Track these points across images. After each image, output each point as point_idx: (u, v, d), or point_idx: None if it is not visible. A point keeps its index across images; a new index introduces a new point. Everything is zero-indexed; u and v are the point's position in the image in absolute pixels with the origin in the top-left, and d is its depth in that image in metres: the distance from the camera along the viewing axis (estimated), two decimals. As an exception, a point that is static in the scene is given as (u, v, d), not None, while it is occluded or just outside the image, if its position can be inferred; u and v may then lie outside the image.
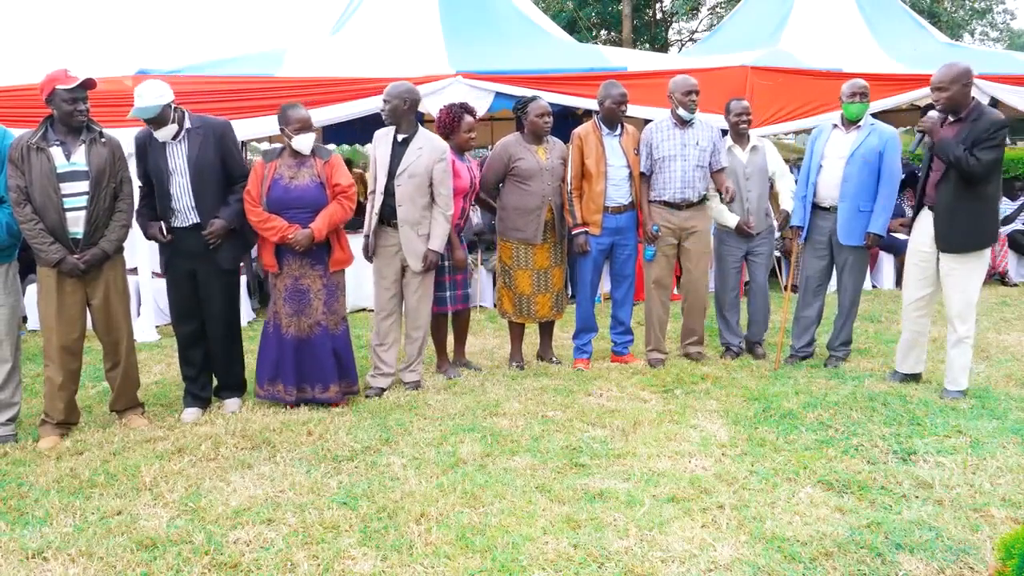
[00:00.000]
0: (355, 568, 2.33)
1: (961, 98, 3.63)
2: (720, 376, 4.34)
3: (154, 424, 3.73)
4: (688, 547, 2.41)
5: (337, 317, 3.90)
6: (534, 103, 4.44)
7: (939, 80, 3.63)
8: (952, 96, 3.61)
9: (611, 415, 3.68)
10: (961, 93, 3.62)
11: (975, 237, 3.70)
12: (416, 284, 4.16)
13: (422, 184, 4.02)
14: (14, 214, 3.44)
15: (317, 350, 3.83)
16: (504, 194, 4.50)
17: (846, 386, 4.07)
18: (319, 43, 7.50)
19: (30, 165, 3.41)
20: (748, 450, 3.20)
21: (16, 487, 3.00)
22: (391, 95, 4.07)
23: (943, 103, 3.64)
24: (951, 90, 3.61)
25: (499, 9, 7.55)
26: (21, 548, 2.49)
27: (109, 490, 2.94)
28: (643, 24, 20.42)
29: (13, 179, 3.42)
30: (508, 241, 4.49)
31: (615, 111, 4.39)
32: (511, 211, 4.44)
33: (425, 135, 4.11)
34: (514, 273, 4.50)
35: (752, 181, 4.67)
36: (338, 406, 3.89)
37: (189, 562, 2.38)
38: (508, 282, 4.54)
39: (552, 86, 6.22)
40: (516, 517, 2.63)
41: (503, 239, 4.52)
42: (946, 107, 3.65)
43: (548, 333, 4.82)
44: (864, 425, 3.46)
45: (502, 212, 4.50)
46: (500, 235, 4.54)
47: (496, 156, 4.49)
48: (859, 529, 2.49)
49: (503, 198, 4.50)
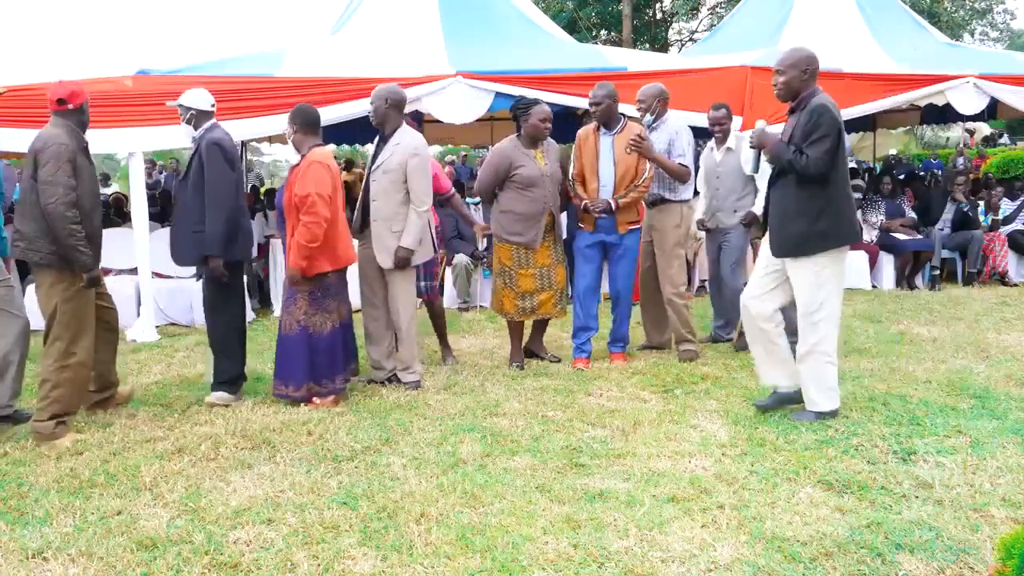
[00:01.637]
0: (355, 568, 2.33)
1: (799, 85, 3.35)
2: (720, 376, 4.34)
3: (154, 424, 3.73)
4: (688, 547, 2.41)
5: (291, 319, 3.93)
6: (538, 107, 4.41)
7: (778, 63, 3.39)
8: (788, 82, 3.35)
9: (611, 415, 3.68)
10: (799, 80, 3.34)
11: (815, 240, 3.33)
12: (395, 283, 4.19)
13: (397, 180, 4.06)
14: (65, 215, 3.39)
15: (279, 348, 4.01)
16: (503, 200, 4.48)
17: (846, 386, 4.06)
18: (319, 43, 7.50)
19: (81, 169, 3.47)
20: (748, 450, 3.20)
21: (16, 487, 3.00)
22: (374, 96, 4.18)
23: (779, 88, 3.39)
24: (788, 75, 3.34)
25: (499, 9, 7.56)
26: (21, 548, 2.49)
27: (109, 490, 2.94)
28: (643, 24, 20.42)
29: (71, 180, 3.42)
30: (507, 243, 4.49)
31: (595, 112, 4.47)
32: (511, 217, 4.43)
33: (404, 131, 4.16)
34: (516, 273, 4.50)
35: (722, 180, 4.97)
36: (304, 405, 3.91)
37: (189, 562, 2.38)
38: (509, 282, 4.53)
39: (552, 86, 6.23)
40: (516, 517, 2.63)
41: (501, 242, 4.51)
42: (782, 93, 3.40)
43: (541, 329, 4.82)
44: (864, 425, 3.46)
45: (500, 217, 4.49)
46: (497, 238, 4.54)
47: (494, 163, 4.47)
48: (859, 529, 2.49)
49: (501, 203, 4.49)
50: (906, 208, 7.98)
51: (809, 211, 3.33)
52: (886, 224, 7.71)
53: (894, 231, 7.67)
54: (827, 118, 3.23)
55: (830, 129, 3.24)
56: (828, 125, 3.23)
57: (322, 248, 3.84)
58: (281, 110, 5.77)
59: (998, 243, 7.67)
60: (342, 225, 4.01)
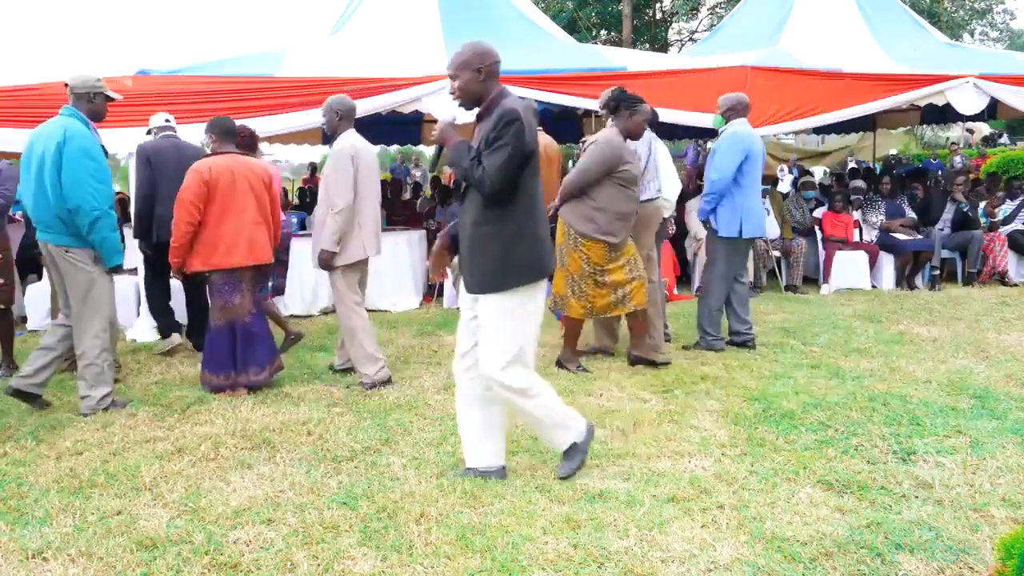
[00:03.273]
0: (355, 568, 2.33)
1: (477, 88, 2.78)
2: (720, 376, 4.34)
3: (154, 424, 3.73)
4: (688, 547, 2.41)
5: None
6: (645, 106, 4.28)
7: (449, 66, 2.84)
8: (463, 86, 2.79)
9: (611, 415, 3.68)
10: (475, 82, 2.77)
11: (498, 274, 2.75)
12: (331, 284, 4.38)
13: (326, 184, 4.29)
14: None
15: None
16: (600, 197, 4.20)
17: (846, 386, 4.07)
18: (319, 43, 7.51)
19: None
20: (748, 450, 3.20)
21: (16, 487, 2.99)
22: (325, 108, 4.33)
23: (456, 95, 2.84)
24: (461, 78, 2.79)
25: (499, 9, 7.57)
26: (21, 548, 2.49)
27: (109, 490, 2.94)
28: (643, 24, 20.44)
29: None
30: (598, 242, 4.22)
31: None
32: (610, 215, 4.20)
33: (340, 138, 4.29)
34: (607, 268, 4.29)
35: None
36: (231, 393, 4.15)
37: (189, 562, 2.38)
38: (600, 280, 4.29)
39: (552, 86, 6.23)
40: (516, 517, 2.62)
41: (591, 240, 4.22)
42: (462, 100, 2.84)
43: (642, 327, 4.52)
44: (864, 425, 3.46)
45: (595, 214, 4.21)
46: (586, 236, 4.22)
47: (608, 156, 4.18)
48: (859, 529, 2.49)
49: (597, 200, 4.20)
50: (906, 208, 7.99)
51: (504, 239, 2.74)
52: (886, 224, 7.72)
53: (894, 231, 7.67)
54: (514, 129, 2.66)
55: (513, 140, 2.66)
56: (513, 135, 2.66)
57: (197, 249, 4.15)
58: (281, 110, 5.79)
59: (998, 243, 7.67)
60: (228, 228, 4.12)
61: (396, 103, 6.08)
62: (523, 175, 2.74)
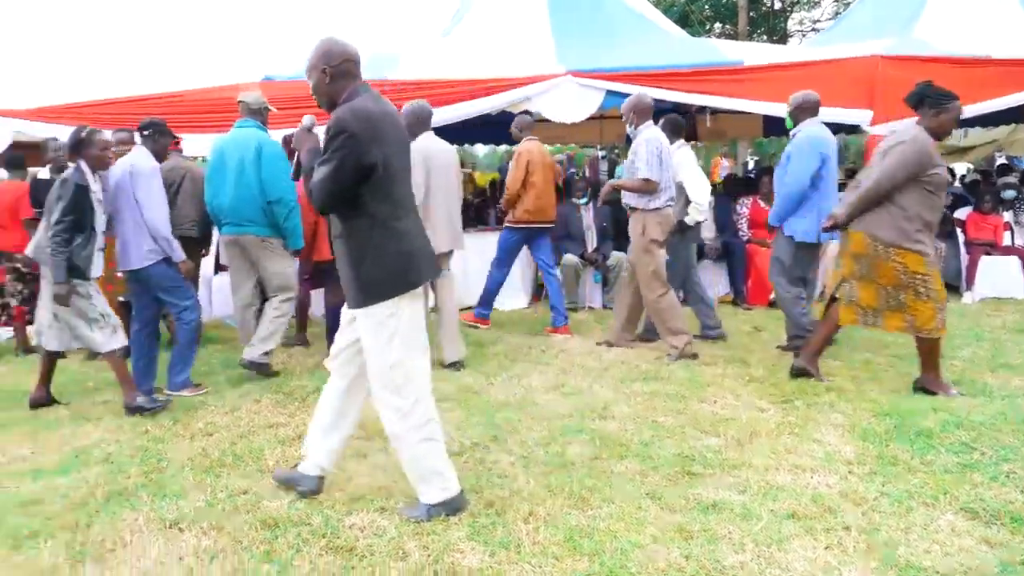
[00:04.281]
0: (464, 561, 2.35)
1: (327, 89, 2.58)
2: (847, 389, 4.06)
3: (276, 410, 3.94)
4: (810, 568, 2.26)
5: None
6: (954, 102, 3.81)
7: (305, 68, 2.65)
8: (314, 88, 2.61)
9: (726, 423, 3.52)
10: (324, 84, 2.58)
11: (353, 290, 2.59)
12: None
13: None
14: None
15: None
16: (907, 203, 3.81)
17: (994, 405, 3.69)
18: (431, 46, 7.68)
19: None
20: (878, 469, 2.97)
21: (156, 462, 3.25)
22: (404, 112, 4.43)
23: (318, 99, 2.65)
24: (312, 78, 2.60)
25: (608, 6, 7.45)
26: (160, 518, 2.69)
27: (236, 470, 3.13)
28: (760, 15, 19.55)
29: None
30: (915, 253, 3.83)
31: None
32: (918, 224, 3.82)
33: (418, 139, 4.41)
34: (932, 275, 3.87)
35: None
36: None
37: (308, 543, 2.48)
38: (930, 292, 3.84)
39: (665, 83, 6.06)
40: (625, 523, 2.56)
41: (908, 249, 3.82)
42: (319, 102, 2.65)
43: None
44: (1017, 450, 3.11)
45: (904, 223, 3.83)
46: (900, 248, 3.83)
47: (917, 160, 3.77)
48: (1011, 565, 2.24)
49: (905, 207, 3.82)
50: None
51: (351, 252, 2.57)
52: (1041, 227, 6.97)
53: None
54: (340, 140, 2.44)
55: (340, 152, 2.43)
56: (339, 147, 2.43)
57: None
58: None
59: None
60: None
61: (506, 103, 6.12)
62: (367, 187, 2.49)
